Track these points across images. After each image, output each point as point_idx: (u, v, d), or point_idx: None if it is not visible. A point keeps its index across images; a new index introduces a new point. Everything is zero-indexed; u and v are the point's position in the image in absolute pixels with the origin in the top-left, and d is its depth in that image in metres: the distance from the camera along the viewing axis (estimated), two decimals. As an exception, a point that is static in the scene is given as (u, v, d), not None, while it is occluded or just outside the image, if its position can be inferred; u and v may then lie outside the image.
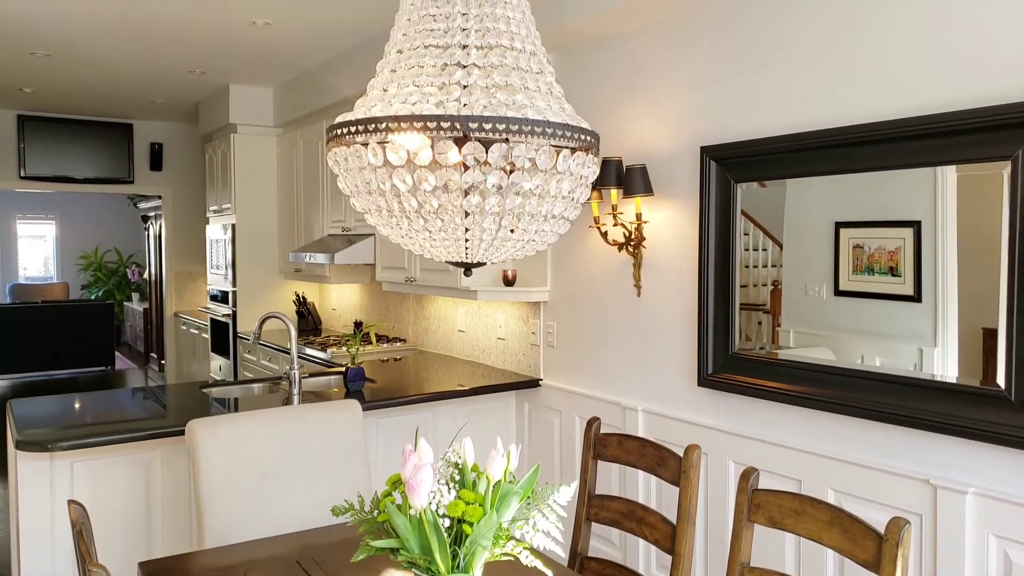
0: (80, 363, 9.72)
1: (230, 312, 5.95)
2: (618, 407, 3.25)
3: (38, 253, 13.07)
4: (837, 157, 2.40)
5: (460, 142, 1.19)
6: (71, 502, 1.46)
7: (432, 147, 1.20)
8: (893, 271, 2.37)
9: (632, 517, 1.98)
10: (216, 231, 6.30)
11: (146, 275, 10.72)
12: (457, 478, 1.47)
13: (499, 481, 1.42)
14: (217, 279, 6.27)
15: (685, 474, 1.87)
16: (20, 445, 2.62)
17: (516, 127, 1.16)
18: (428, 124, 1.16)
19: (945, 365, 2.23)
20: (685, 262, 2.95)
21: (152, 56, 4.98)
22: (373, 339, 3.70)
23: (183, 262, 7.83)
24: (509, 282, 3.77)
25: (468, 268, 1.36)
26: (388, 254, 4.46)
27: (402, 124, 1.18)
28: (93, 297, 12.21)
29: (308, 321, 5.94)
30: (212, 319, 6.36)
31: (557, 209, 1.26)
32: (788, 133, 2.53)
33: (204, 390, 3.61)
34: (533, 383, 3.74)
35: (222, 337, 6.17)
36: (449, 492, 1.39)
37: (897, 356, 2.33)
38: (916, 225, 2.31)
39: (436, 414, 3.64)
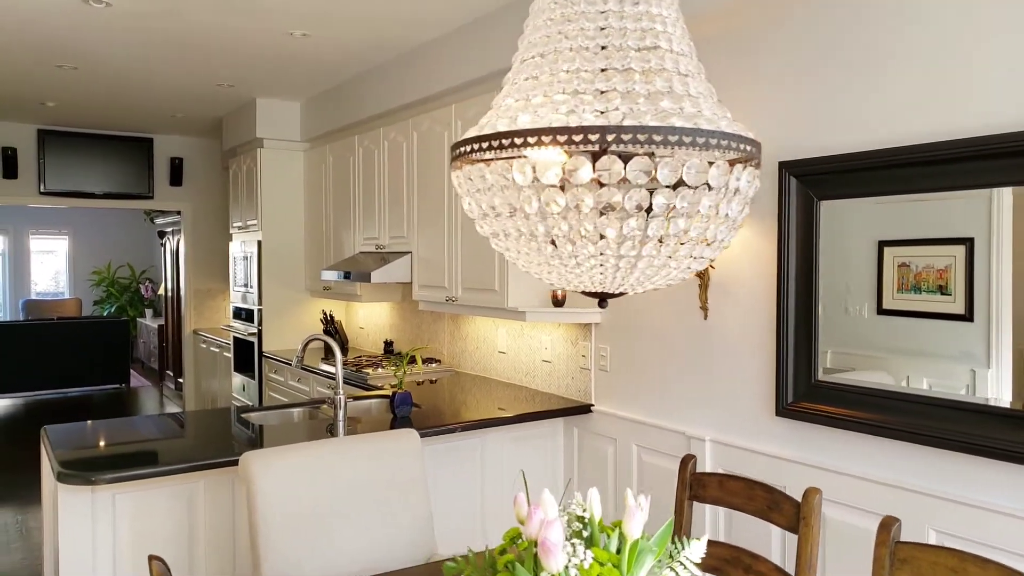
0: (95, 381, 9.56)
1: (255, 331, 5.79)
2: (682, 436, 3.09)
3: (49, 268, 12.95)
4: (935, 174, 2.25)
5: (620, 157, 1.05)
6: (152, 558, 1.31)
7: (591, 164, 1.05)
8: (942, 289, 2.30)
9: (739, 565, 1.81)
10: (240, 247, 6.16)
11: (160, 291, 10.59)
12: (585, 534, 1.31)
13: (637, 540, 1.26)
14: (241, 296, 6.13)
15: (805, 520, 1.70)
16: (62, 477, 2.47)
17: (690, 139, 1.01)
18: (589, 136, 1.02)
19: (999, 388, 2.16)
20: (760, 283, 2.79)
21: (180, 69, 4.86)
22: (419, 362, 3.55)
23: (202, 279, 7.69)
24: (559, 302, 3.62)
25: (605, 299, 1.21)
26: (426, 272, 4.31)
27: (558, 138, 1.03)
28: (105, 313, 12.08)
29: (336, 340, 5.77)
30: (235, 337, 6.21)
31: (721, 233, 1.11)
32: (878, 148, 2.38)
33: (244, 415, 3.45)
34: (584, 409, 3.58)
35: (246, 356, 6.02)
36: (583, 552, 1.23)
37: (947, 377, 2.26)
38: (968, 243, 2.25)
39: (484, 440, 3.48)
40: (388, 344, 5.33)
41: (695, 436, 3.02)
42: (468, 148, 1.14)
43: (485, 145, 1.10)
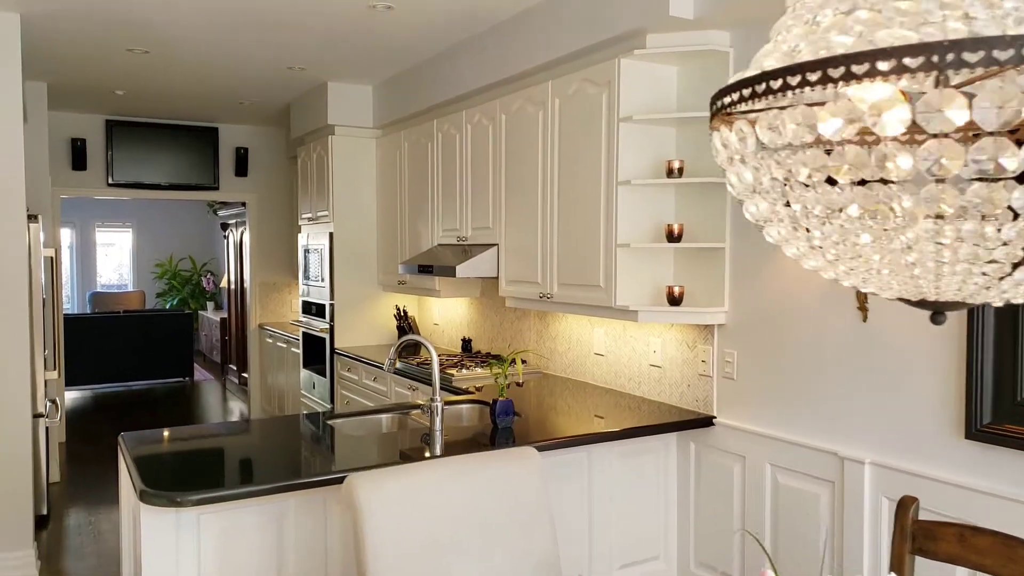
0: (159, 374, 9.50)
1: (327, 326, 5.53)
2: (833, 458, 2.68)
3: (112, 260, 13.02)
4: None
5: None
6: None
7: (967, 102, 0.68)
8: None
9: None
10: (310, 240, 5.91)
11: (223, 284, 10.49)
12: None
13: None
14: (311, 290, 5.87)
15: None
16: (146, 497, 2.19)
17: None
18: (963, 57, 0.64)
19: None
20: (940, 282, 2.37)
21: (252, 51, 4.60)
22: (519, 367, 3.22)
23: (267, 272, 7.49)
24: (675, 300, 3.23)
25: (942, 313, 0.84)
26: (516, 266, 3.96)
27: (930, 59, 0.65)
28: (167, 306, 12.07)
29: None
30: (304, 332, 5.96)
31: None
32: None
33: (330, 422, 3.16)
34: (704, 421, 3.19)
35: (316, 352, 5.77)
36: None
37: None
38: None
39: (590, 455, 3.13)
40: (466, 342, 5.00)
41: (851, 457, 2.61)
42: (755, 89, 0.77)
43: (792, 81, 0.73)
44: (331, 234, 5.48)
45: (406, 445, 2.81)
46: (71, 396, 8.50)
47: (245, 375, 8.38)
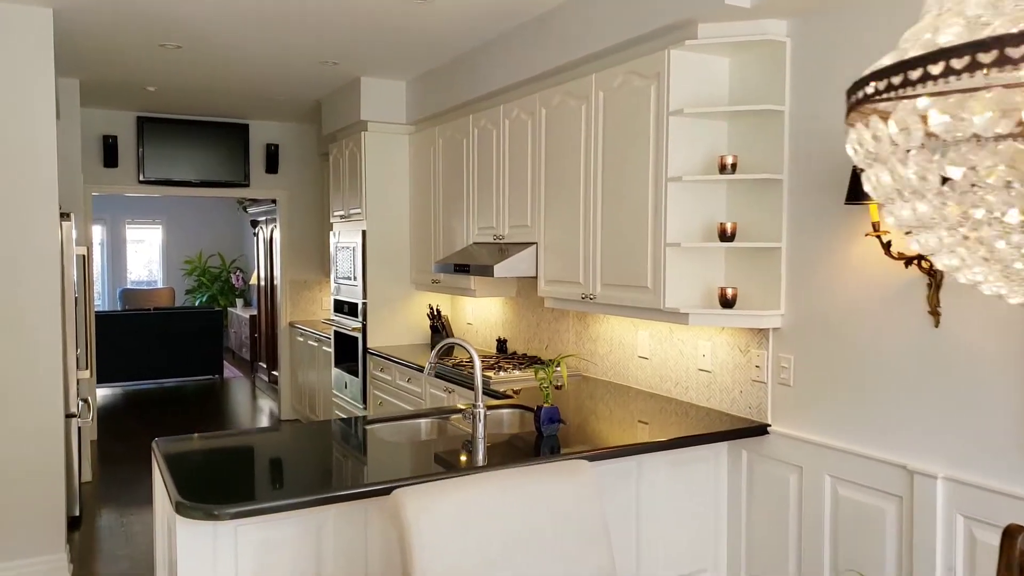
0: (189, 372, 9.50)
1: (359, 325, 5.45)
2: (901, 471, 2.52)
3: (142, 257, 13.09)
4: None
5: None
6: None
7: None
8: None
9: None
10: (341, 237, 5.82)
11: (252, 281, 10.47)
12: None
13: None
14: (343, 289, 5.79)
15: None
16: (182, 510, 2.10)
17: None
18: None
19: None
20: None
21: (286, 45, 4.51)
22: (564, 373, 3.08)
23: (298, 269, 7.43)
24: (728, 303, 3.09)
25: None
26: (556, 266, 3.84)
27: None
28: (196, 303, 12.10)
29: (442, 337, 5.38)
30: (336, 332, 5.88)
31: None
32: None
33: (367, 427, 3.06)
34: (758, 429, 3.05)
35: (347, 352, 5.69)
36: None
37: None
38: None
39: (641, 464, 2.99)
40: (501, 342, 4.89)
41: (921, 471, 2.45)
42: (927, 71, 0.63)
43: (984, 58, 0.59)
44: (364, 232, 5.39)
45: (448, 453, 2.69)
46: (101, 393, 8.52)
47: (275, 373, 8.35)
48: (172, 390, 9.03)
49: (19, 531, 3.66)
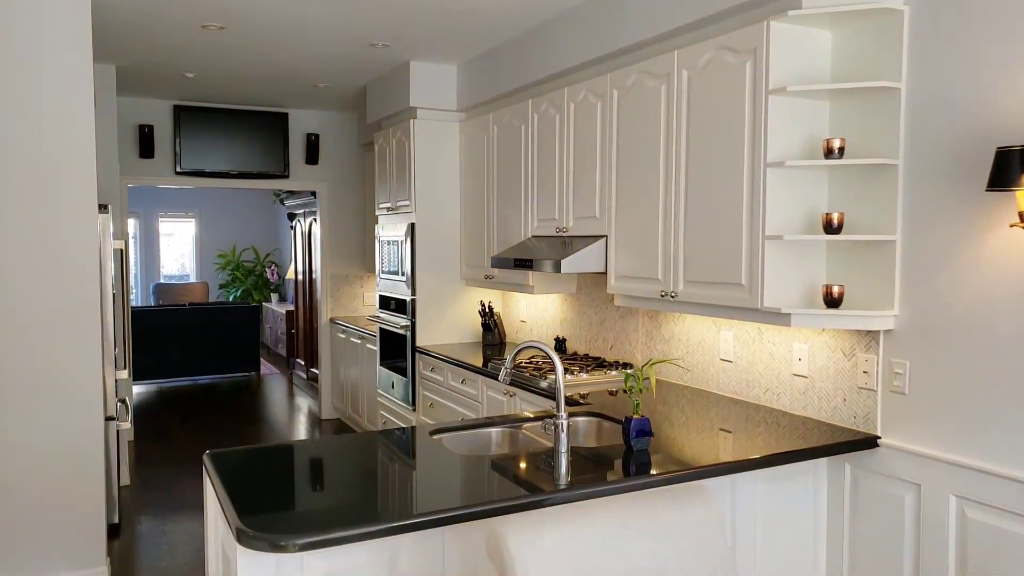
0: (225, 368, 9.33)
1: (408, 323, 5.19)
2: (1056, 496, 2.20)
3: (174, 251, 12.97)
4: None
5: None
6: None
7: None
8: None
9: None
10: (388, 231, 5.57)
11: (289, 275, 10.29)
12: None
13: None
14: (390, 284, 5.54)
15: None
16: (244, 539, 1.84)
17: None
18: None
19: None
20: None
21: (334, 25, 4.25)
22: (653, 379, 2.79)
23: (338, 264, 7.20)
24: (833, 302, 2.77)
25: None
26: (629, 261, 3.54)
27: None
28: (231, 298, 11.95)
29: (494, 335, 5.12)
30: (382, 329, 5.63)
31: None
32: None
33: (434, 437, 2.79)
34: (867, 442, 2.73)
35: (394, 350, 5.43)
36: None
37: None
38: None
39: (735, 483, 2.69)
40: (560, 342, 4.60)
41: (1083, 499, 2.13)
42: None
43: None
44: (412, 224, 5.13)
45: (531, 471, 2.41)
46: (136, 391, 8.37)
47: (314, 370, 8.14)
48: (208, 387, 8.86)
49: (59, 543, 3.45)
